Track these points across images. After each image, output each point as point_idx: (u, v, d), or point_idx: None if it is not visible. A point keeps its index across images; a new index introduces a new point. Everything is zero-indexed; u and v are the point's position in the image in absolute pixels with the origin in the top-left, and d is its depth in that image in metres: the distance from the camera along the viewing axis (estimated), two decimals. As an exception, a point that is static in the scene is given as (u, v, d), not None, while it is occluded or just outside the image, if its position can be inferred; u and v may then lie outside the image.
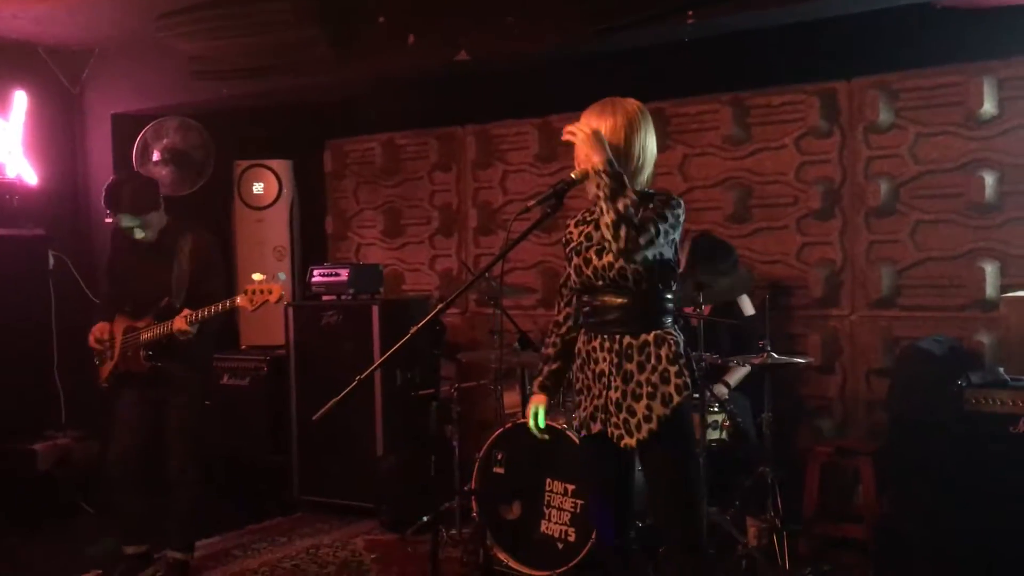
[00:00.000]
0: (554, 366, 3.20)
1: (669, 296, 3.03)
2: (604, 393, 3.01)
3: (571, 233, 3.13)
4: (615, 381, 2.97)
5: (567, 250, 3.13)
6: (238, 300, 4.15)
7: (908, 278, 4.82)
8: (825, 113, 4.95)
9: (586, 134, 2.89)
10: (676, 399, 2.92)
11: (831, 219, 4.99)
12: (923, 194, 4.76)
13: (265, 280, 4.17)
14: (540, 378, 3.23)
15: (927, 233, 4.76)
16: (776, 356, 4.30)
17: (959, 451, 3.75)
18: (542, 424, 3.20)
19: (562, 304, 3.21)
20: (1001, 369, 3.87)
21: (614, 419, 2.98)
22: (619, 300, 2.98)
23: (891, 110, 4.82)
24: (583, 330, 3.10)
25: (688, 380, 2.95)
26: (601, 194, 2.84)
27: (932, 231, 4.75)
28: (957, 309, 4.66)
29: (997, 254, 4.57)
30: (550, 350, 3.21)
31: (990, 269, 4.54)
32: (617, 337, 2.98)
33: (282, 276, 4.26)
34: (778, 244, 5.15)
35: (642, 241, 2.81)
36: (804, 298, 5.06)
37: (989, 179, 4.54)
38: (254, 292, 4.14)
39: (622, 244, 2.81)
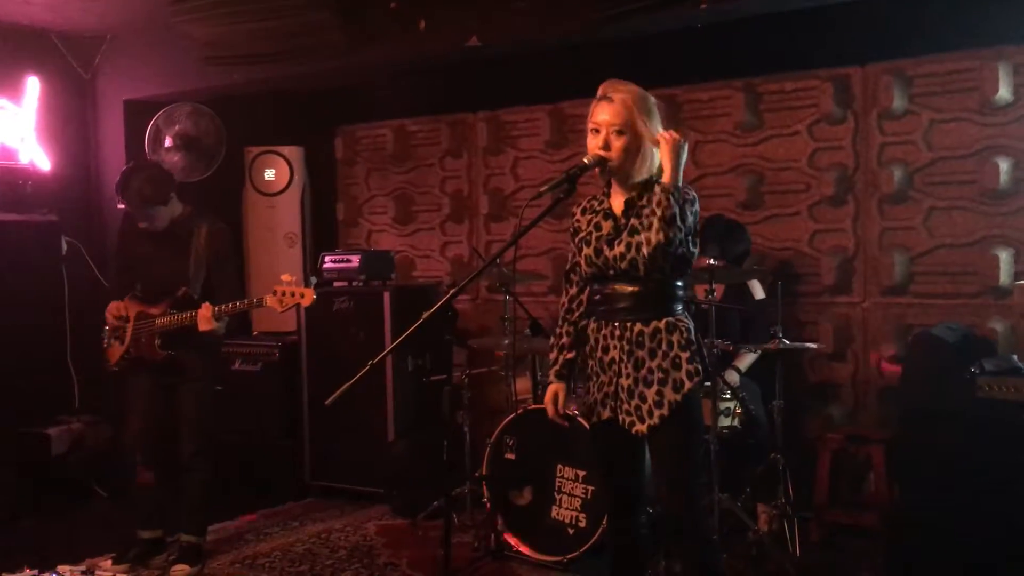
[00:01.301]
0: (569, 355, 3.20)
1: (680, 284, 3.04)
2: (615, 380, 3.02)
3: (578, 222, 3.13)
4: (626, 368, 2.98)
5: (576, 240, 3.13)
6: (267, 300, 4.14)
7: (921, 265, 4.80)
8: (838, 99, 4.92)
9: (674, 139, 2.92)
10: (687, 385, 2.94)
11: (844, 206, 4.97)
12: (937, 181, 4.74)
13: (295, 282, 4.15)
14: (556, 367, 3.22)
15: (941, 220, 4.73)
16: (787, 343, 4.29)
17: (971, 438, 3.73)
18: (561, 411, 3.22)
19: (571, 290, 3.21)
20: (1014, 356, 3.85)
21: (625, 406, 3.00)
22: (630, 288, 2.99)
23: (905, 96, 4.79)
24: (593, 318, 3.10)
25: (699, 366, 2.97)
26: (661, 201, 2.88)
27: (946, 218, 4.72)
28: (970, 296, 4.64)
29: (1011, 241, 4.54)
30: (564, 339, 3.20)
31: (1004, 256, 4.52)
32: (628, 325, 2.99)
33: (313, 280, 4.25)
34: (790, 231, 5.13)
35: (676, 240, 2.89)
36: (816, 285, 5.04)
37: (1004, 165, 4.51)
38: (284, 294, 4.12)
39: (662, 239, 2.87)
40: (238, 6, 5.24)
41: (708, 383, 4.17)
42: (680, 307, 3.03)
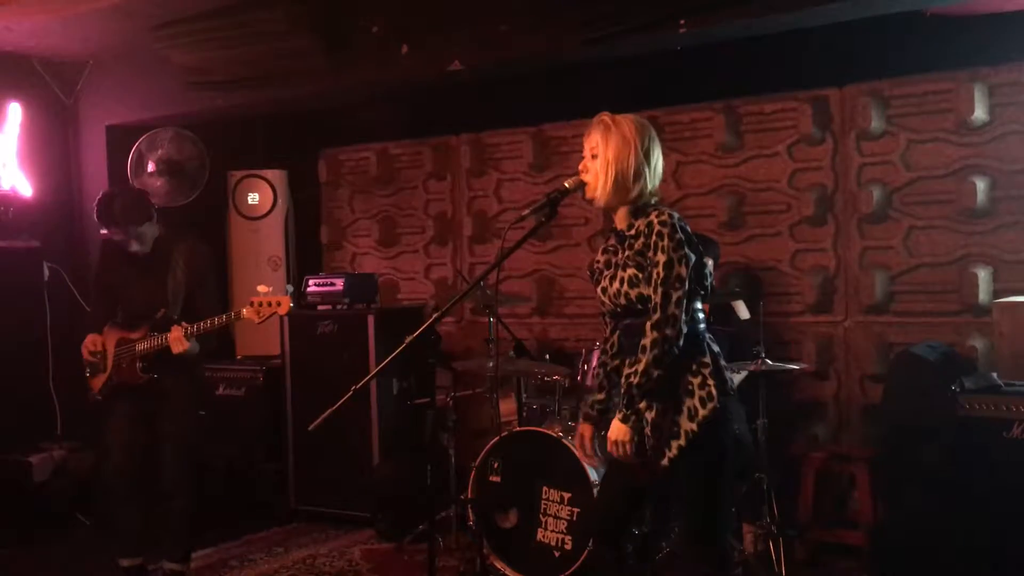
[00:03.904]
0: (599, 396, 3.15)
1: (697, 305, 2.96)
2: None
3: (598, 261, 3.11)
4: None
5: (592, 277, 3.12)
6: (244, 312, 4.14)
7: (901, 284, 4.84)
8: (817, 120, 4.98)
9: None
10: (701, 412, 2.85)
11: (824, 226, 5.01)
12: (915, 200, 4.79)
13: (271, 292, 4.15)
14: (585, 408, 3.19)
15: (920, 239, 4.78)
16: (771, 363, 4.31)
17: (953, 456, 3.76)
18: (588, 451, 3.18)
19: (605, 332, 3.14)
20: (994, 374, 3.88)
21: (651, 441, 2.91)
22: (638, 322, 2.92)
23: (883, 117, 4.84)
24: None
25: (713, 391, 2.86)
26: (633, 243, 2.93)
27: (925, 237, 4.77)
28: (950, 315, 4.68)
29: (989, 259, 4.59)
30: (595, 382, 3.18)
31: (983, 274, 4.56)
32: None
33: (290, 288, 4.25)
34: (772, 251, 5.16)
35: (675, 325, 2.84)
36: (798, 304, 5.07)
37: (981, 185, 4.56)
38: (261, 304, 4.12)
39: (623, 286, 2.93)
40: (220, 32, 5.26)
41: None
42: (695, 333, 2.93)
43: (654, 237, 2.87)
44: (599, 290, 3.05)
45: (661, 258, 2.85)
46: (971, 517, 3.67)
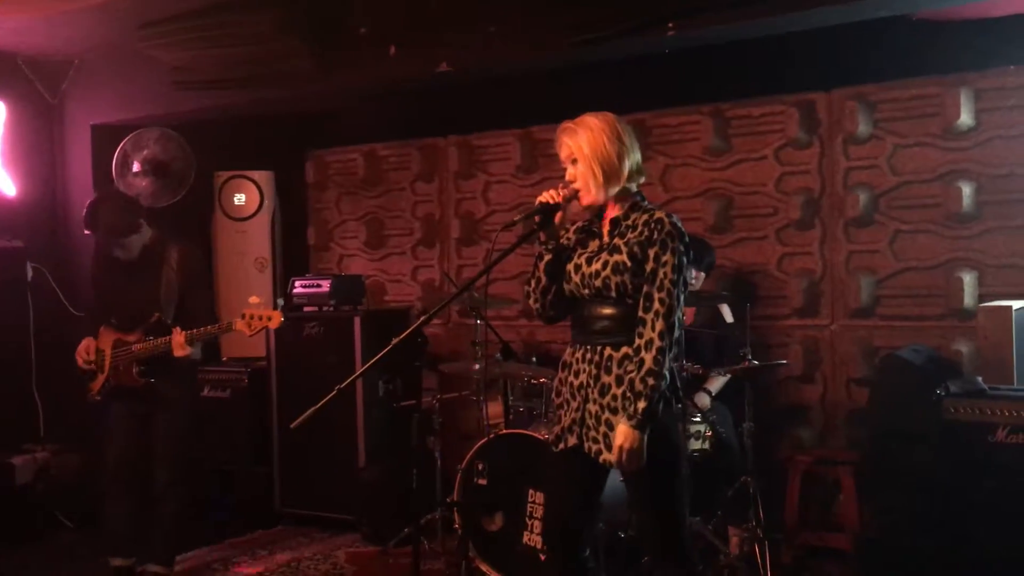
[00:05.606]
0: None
1: None
2: (583, 406, 2.97)
3: (568, 232, 3.10)
4: (592, 394, 2.94)
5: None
6: (237, 324, 4.15)
7: (887, 288, 4.85)
8: (804, 124, 4.99)
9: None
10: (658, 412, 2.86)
11: (811, 229, 5.03)
12: (901, 204, 4.80)
13: (262, 305, 4.17)
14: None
15: (906, 243, 4.80)
16: (756, 362, 4.32)
17: (938, 460, 3.77)
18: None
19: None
20: (979, 378, 3.89)
21: (592, 433, 2.94)
22: (605, 311, 2.95)
23: (869, 121, 4.86)
24: (571, 340, 3.08)
25: (667, 394, 2.90)
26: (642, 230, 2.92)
27: (911, 241, 4.78)
28: (935, 318, 4.70)
29: (975, 264, 4.61)
30: None
31: (968, 279, 4.58)
32: (599, 348, 2.95)
33: (280, 303, 4.27)
34: (758, 254, 5.17)
35: (674, 331, 2.87)
36: (784, 308, 5.08)
37: (966, 189, 4.58)
38: (252, 317, 4.13)
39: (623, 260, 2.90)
40: (207, 31, 5.23)
41: (679, 405, 4.17)
42: None
43: (664, 235, 2.89)
44: (571, 267, 3.02)
45: (670, 260, 2.87)
46: (956, 521, 3.68)
